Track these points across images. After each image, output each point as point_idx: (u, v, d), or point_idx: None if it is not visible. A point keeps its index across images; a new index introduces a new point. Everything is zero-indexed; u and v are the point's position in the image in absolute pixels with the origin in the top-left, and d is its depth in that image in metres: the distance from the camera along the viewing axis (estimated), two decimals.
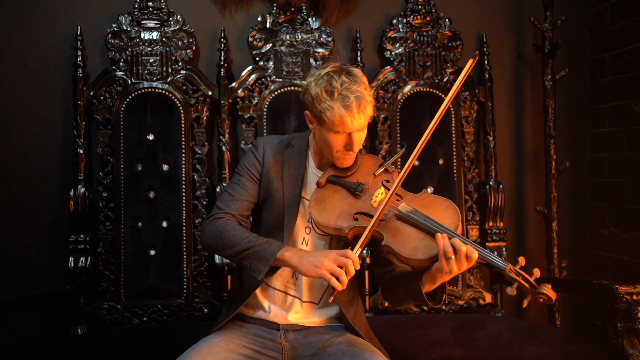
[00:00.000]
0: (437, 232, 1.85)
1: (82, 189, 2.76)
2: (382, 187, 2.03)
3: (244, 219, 2.14)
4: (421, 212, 1.93)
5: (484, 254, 1.85)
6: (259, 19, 2.97)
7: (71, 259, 2.75)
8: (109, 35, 2.88)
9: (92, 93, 2.84)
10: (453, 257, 1.81)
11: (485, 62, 3.06)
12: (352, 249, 1.90)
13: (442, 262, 1.82)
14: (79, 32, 2.85)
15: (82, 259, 2.75)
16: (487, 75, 3.05)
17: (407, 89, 3.01)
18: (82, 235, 2.77)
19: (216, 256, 2.77)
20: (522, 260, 1.83)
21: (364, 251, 2.56)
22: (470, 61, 1.97)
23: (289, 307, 2.13)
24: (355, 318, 2.15)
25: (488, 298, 2.99)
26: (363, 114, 1.96)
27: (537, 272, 1.80)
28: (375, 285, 2.88)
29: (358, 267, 1.89)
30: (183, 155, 2.85)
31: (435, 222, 1.89)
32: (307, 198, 2.12)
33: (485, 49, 3.06)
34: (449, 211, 1.94)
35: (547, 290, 1.77)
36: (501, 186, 2.98)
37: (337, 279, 1.86)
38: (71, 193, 2.75)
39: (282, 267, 2.05)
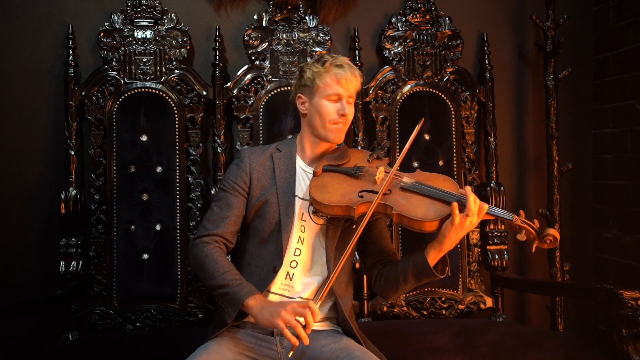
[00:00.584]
0: (447, 195, 2.02)
1: (74, 191, 2.72)
2: (382, 167, 2.14)
3: (230, 238, 2.18)
4: (424, 182, 2.09)
5: (492, 208, 2.04)
6: (255, 17, 2.93)
7: (62, 263, 2.70)
8: (101, 34, 2.83)
9: (83, 93, 2.80)
10: (470, 213, 1.96)
11: (486, 61, 3.03)
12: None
13: (456, 219, 1.95)
14: (70, 31, 2.80)
15: (73, 263, 2.70)
16: (488, 75, 3.02)
17: (407, 88, 2.97)
18: (73, 239, 2.72)
19: None
20: (522, 213, 2.05)
21: (355, 256, 2.53)
22: (418, 126, 2.15)
23: None
24: (351, 314, 2.21)
25: (489, 302, 2.95)
26: (354, 78, 2.14)
27: (537, 223, 2.03)
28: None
29: (318, 319, 1.92)
30: (177, 156, 2.81)
31: (440, 190, 2.06)
32: (301, 197, 2.18)
33: (486, 48, 3.03)
34: (448, 182, 2.12)
35: (552, 232, 2.00)
36: (502, 188, 2.95)
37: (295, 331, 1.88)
38: (62, 195, 2.71)
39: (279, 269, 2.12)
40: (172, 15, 2.88)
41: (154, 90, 2.83)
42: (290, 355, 1.90)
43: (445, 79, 2.98)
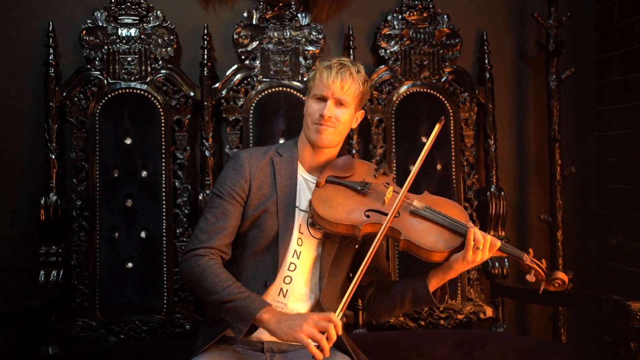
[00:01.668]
0: (459, 226, 1.96)
1: (54, 197, 2.64)
2: (392, 187, 2.06)
3: (226, 250, 2.06)
4: (435, 208, 2.01)
5: (503, 245, 1.99)
6: (245, 14, 2.84)
7: (42, 272, 2.62)
8: (84, 32, 2.74)
9: (65, 94, 2.71)
10: (481, 247, 1.92)
11: (486, 61, 2.95)
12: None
13: (469, 252, 1.92)
14: (50, 28, 2.71)
15: (53, 272, 2.62)
16: (488, 75, 2.94)
17: (403, 89, 2.89)
18: (53, 247, 2.65)
19: None
20: (531, 251, 2.01)
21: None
22: (437, 126, 2.08)
23: None
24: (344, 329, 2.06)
25: (489, 312, 2.88)
26: (341, 80, 2.01)
27: (544, 262, 2.01)
28: None
29: (340, 332, 1.82)
30: (163, 160, 2.74)
31: (451, 218, 1.99)
32: (301, 208, 2.08)
33: (485, 47, 2.95)
34: (457, 209, 2.06)
35: (561, 275, 1.99)
36: (503, 193, 2.88)
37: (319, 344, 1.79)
38: (42, 201, 2.62)
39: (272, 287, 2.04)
40: (158, 12, 2.79)
41: (138, 91, 2.75)
42: None
43: (443, 79, 2.91)
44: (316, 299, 2.06)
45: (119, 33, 2.75)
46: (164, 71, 2.77)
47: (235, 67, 2.82)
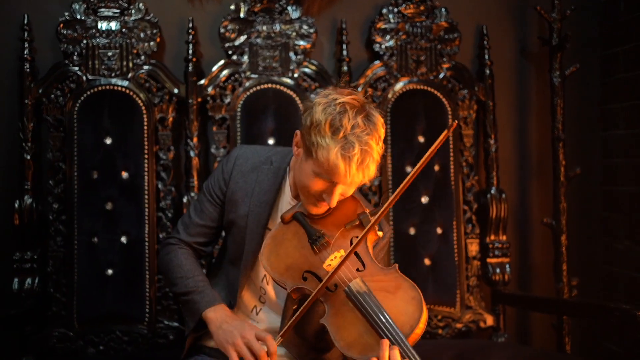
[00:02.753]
0: (383, 335, 1.59)
1: (29, 200, 2.53)
2: (342, 251, 1.74)
3: (202, 247, 2.03)
4: (376, 297, 1.65)
5: None
6: (232, 7, 2.74)
7: (16, 280, 2.52)
8: (61, 25, 2.63)
9: (41, 91, 2.61)
10: None
11: (486, 56, 2.85)
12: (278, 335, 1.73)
13: None
14: (26, 21, 2.60)
15: (28, 279, 2.53)
16: (488, 72, 2.84)
17: (399, 86, 2.80)
18: (28, 253, 2.54)
19: None
20: None
21: None
22: (445, 132, 1.70)
23: None
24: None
25: (489, 320, 2.78)
26: (362, 173, 1.66)
27: None
28: None
29: (274, 359, 1.71)
30: (145, 161, 2.64)
31: (385, 319, 1.61)
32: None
33: (485, 42, 2.85)
34: (411, 306, 1.65)
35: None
36: (504, 195, 2.79)
37: None
38: (16, 204, 2.52)
39: (243, 303, 1.97)
40: (140, 4, 2.69)
41: (119, 88, 2.66)
42: None
43: (441, 76, 2.82)
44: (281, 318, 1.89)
45: (99, 26, 2.65)
46: (147, 67, 2.67)
47: (221, 62, 2.73)
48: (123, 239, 2.60)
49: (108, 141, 2.62)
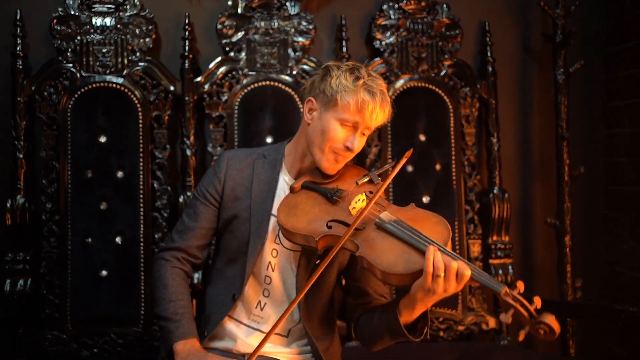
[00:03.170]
0: (424, 245, 1.67)
1: (22, 200, 2.51)
2: (364, 194, 1.86)
3: (197, 253, 2.02)
4: (407, 223, 1.76)
5: (477, 274, 1.64)
6: (229, 3, 2.71)
7: (8, 281, 2.50)
8: (55, 21, 2.61)
9: (34, 88, 2.59)
10: (442, 274, 1.62)
11: (488, 53, 2.82)
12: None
13: (428, 280, 1.63)
14: (19, 17, 2.58)
15: (21, 281, 2.50)
16: (490, 69, 2.81)
17: (400, 83, 2.76)
18: (21, 254, 2.52)
19: None
20: (520, 286, 1.62)
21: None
22: (403, 159, 1.87)
23: (256, 339, 1.90)
24: (329, 352, 1.99)
25: (492, 323, 2.75)
26: (383, 111, 1.83)
27: (537, 302, 1.59)
28: None
29: None
30: (141, 160, 2.61)
31: (422, 235, 1.72)
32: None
33: (487, 39, 2.82)
34: (439, 227, 1.78)
35: (550, 320, 1.55)
36: (506, 195, 2.76)
37: None
38: (8, 204, 2.50)
39: (246, 300, 1.97)
40: (136, 0, 2.65)
41: (114, 85, 2.63)
42: None
43: (442, 73, 2.79)
44: (298, 317, 1.95)
45: (93, 22, 2.62)
46: (142, 64, 2.65)
47: (218, 59, 2.70)
48: (118, 240, 2.56)
49: (102, 139, 2.59)
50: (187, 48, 2.64)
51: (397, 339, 1.81)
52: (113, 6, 2.62)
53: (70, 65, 2.59)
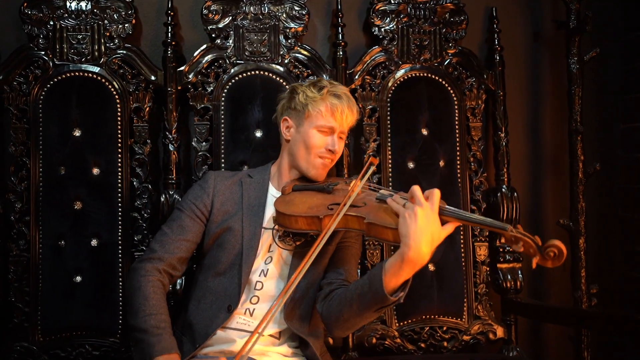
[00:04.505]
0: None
1: None
2: (359, 181, 2.02)
3: (177, 265, 2.07)
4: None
5: (480, 219, 1.92)
6: None
7: None
8: (25, 4, 2.52)
9: (2, 77, 2.50)
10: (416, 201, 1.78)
11: (496, 41, 2.75)
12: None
13: (404, 217, 1.76)
14: None
15: None
16: (498, 58, 2.74)
17: (400, 73, 2.69)
18: None
19: None
20: (519, 227, 1.83)
21: None
22: (368, 163, 2.02)
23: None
24: (323, 352, 2.12)
25: (500, 332, 2.65)
26: (351, 112, 2.12)
27: (538, 239, 1.82)
28: None
29: None
30: (119, 156, 2.53)
31: None
32: (269, 227, 2.11)
33: (495, 26, 2.75)
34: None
35: (556, 242, 1.79)
36: (515, 194, 2.66)
37: None
38: None
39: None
40: None
41: (90, 75, 2.54)
42: None
43: (446, 63, 2.70)
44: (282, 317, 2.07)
45: (68, 6, 2.54)
46: (121, 51, 2.56)
47: (204, 47, 2.60)
48: (93, 242, 2.49)
49: (77, 133, 2.51)
50: (169, 35, 2.55)
51: (367, 304, 1.82)
52: None
53: (42, 52, 2.50)
